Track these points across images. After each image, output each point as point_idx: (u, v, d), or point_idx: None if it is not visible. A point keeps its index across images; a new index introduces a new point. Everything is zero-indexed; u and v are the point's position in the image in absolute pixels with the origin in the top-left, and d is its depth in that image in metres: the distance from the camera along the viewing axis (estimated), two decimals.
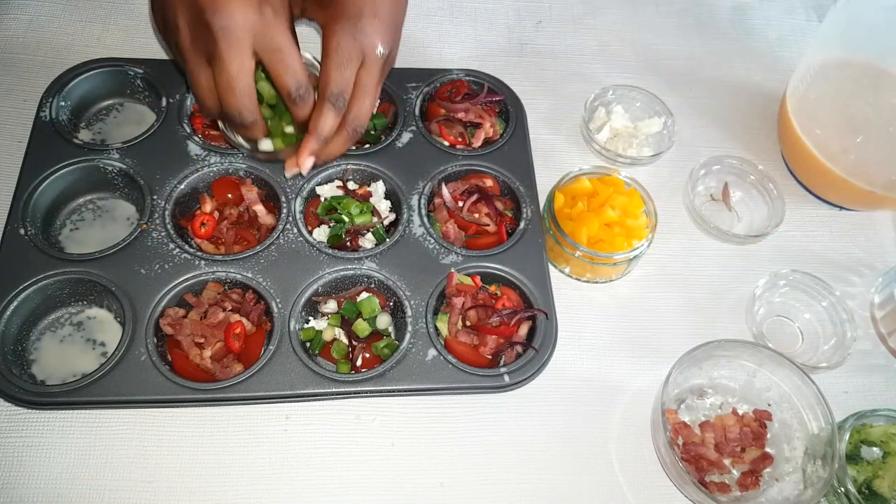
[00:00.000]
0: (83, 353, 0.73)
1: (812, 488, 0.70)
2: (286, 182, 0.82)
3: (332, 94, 0.67)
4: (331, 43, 0.67)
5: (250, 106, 0.65)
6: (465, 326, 0.77)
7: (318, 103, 0.68)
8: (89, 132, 0.87)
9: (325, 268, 0.78)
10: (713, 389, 0.79)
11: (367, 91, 0.68)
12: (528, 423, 0.76)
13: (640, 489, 0.74)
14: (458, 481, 0.72)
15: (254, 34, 0.61)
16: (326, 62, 0.67)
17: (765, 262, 0.90)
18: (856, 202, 0.94)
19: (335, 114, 0.68)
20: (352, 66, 0.67)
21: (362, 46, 0.67)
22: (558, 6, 1.11)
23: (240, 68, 0.62)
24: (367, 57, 0.68)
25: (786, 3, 1.18)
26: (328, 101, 0.67)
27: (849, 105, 0.91)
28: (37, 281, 0.73)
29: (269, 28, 0.61)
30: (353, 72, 0.67)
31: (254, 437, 0.72)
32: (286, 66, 0.63)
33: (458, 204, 0.84)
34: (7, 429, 0.69)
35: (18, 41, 0.93)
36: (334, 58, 0.66)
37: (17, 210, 0.76)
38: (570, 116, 0.99)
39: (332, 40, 0.67)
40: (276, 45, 0.62)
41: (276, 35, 0.62)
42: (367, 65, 0.68)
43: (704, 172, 0.94)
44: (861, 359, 0.85)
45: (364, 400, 0.74)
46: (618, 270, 0.84)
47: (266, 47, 0.62)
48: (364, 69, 0.68)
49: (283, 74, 0.64)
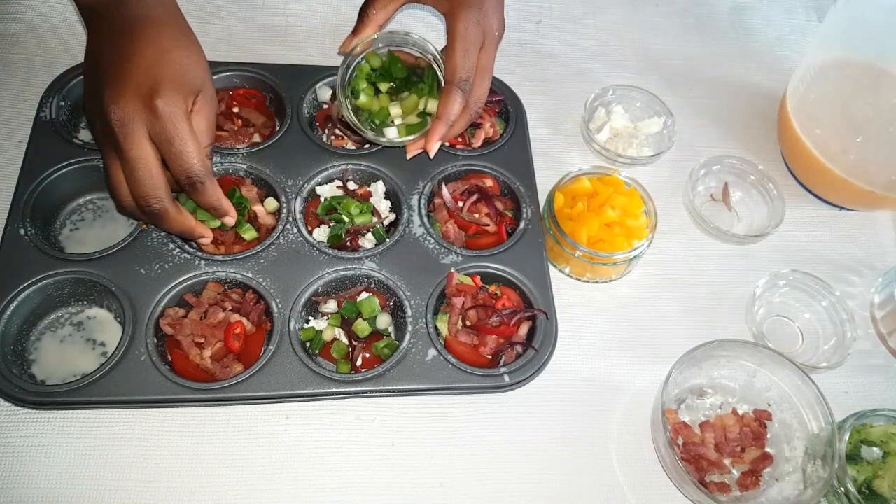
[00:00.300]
0: (83, 353, 0.73)
1: (812, 488, 0.70)
2: (286, 182, 0.82)
3: (460, 80, 0.70)
4: (458, 28, 0.69)
5: (153, 192, 0.64)
6: (465, 326, 0.77)
7: (447, 88, 0.71)
8: (89, 132, 0.87)
9: (325, 268, 0.78)
10: (713, 389, 0.79)
11: (488, 72, 0.72)
12: (528, 423, 0.76)
13: (640, 489, 0.74)
14: (458, 481, 0.72)
15: (146, 124, 0.62)
16: (453, 48, 0.69)
17: (765, 262, 0.90)
18: (856, 202, 0.94)
19: (462, 98, 0.71)
20: (476, 49, 0.70)
21: (484, 29, 0.70)
22: (558, 6, 1.11)
23: (137, 156, 0.62)
24: (487, 39, 0.71)
25: (786, 3, 1.18)
26: (457, 86, 0.70)
27: (849, 105, 0.91)
28: (37, 281, 0.73)
29: (158, 118, 0.62)
30: (476, 55, 0.71)
31: (254, 437, 0.72)
32: (175, 156, 0.63)
33: (458, 204, 0.84)
34: (7, 429, 0.69)
35: (18, 41, 0.93)
36: (462, 43, 0.69)
37: (17, 210, 0.76)
38: (570, 116, 0.99)
39: (458, 25, 0.69)
40: (167, 136, 0.62)
41: (166, 125, 0.62)
42: (487, 47, 0.71)
43: (704, 172, 0.94)
44: (861, 359, 0.85)
45: (364, 400, 0.74)
46: (618, 270, 0.84)
47: (157, 136, 0.63)
48: (483, 51, 0.71)
49: (172, 163, 0.64)
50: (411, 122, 0.81)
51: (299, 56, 0.98)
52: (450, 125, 0.72)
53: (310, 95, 0.89)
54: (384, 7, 0.77)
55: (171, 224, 0.68)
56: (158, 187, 0.64)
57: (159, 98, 0.62)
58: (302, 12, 1.03)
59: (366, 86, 0.81)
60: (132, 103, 0.62)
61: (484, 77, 0.72)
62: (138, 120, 0.62)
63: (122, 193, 0.66)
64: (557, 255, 0.84)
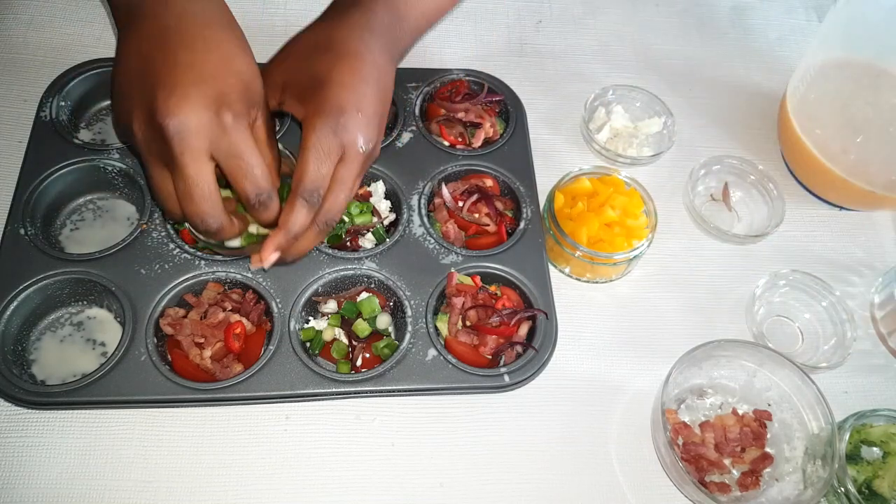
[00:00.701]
0: (83, 353, 0.74)
1: (812, 488, 0.70)
2: None
3: (305, 191, 0.62)
4: (310, 138, 0.62)
5: (211, 212, 0.59)
6: (465, 326, 0.77)
7: (290, 198, 0.64)
8: (89, 132, 0.87)
9: (325, 268, 0.78)
10: (713, 389, 0.79)
11: (345, 186, 0.64)
12: (528, 423, 0.76)
13: (640, 489, 0.74)
14: (458, 481, 0.72)
15: (210, 139, 0.57)
16: (303, 157, 0.62)
17: (765, 262, 0.90)
18: (856, 202, 0.94)
19: (308, 210, 0.63)
20: (330, 161, 0.63)
21: (342, 142, 0.63)
22: (558, 6, 1.11)
23: (197, 174, 0.57)
24: (346, 152, 0.64)
25: (786, 3, 1.18)
26: (301, 196, 0.63)
27: (849, 105, 0.91)
28: (37, 281, 0.73)
29: (226, 132, 0.57)
30: (331, 167, 0.63)
31: (254, 437, 0.72)
32: (244, 173, 0.59)
33: (458, 204, 0.84)
34: (7, 429, 0.70)
35: (18, 41, 0.93)
36: (312, 153, 0.62)
37: (17, 210, 0.76)
38: (570, 116, 0.99)
39: (311, 135, 0.62)
40: (235, 151, 0.58)
41: (234, 140, 0.57)
42: (347, 160, 0.64)
43: (704, 172, 0.94)
44: (861, 359, 0.85)
45: (364, 400, 0.74)
46: (618, 270, 0.84)
47: (224, 153, 0.58)
48: (342, 164, 0.64)
49: (242, 181, 0.59)
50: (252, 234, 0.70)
51: None
52: (291, 236, 0.64)
53: None
54: None
55: (225, 234, 0.63)
56: (217, 204, 0.59)
57: (228, 111, 0.57)
58: (302, 12, 1.03)
59: None
60: (196, 115, 0.55)
61: (340, 191, 0.64)
62: (203, 134, 0.56)
63: (173, 207, 0.61)
64: (557, 255, 0.84)
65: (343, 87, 0.64)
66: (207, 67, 0.57)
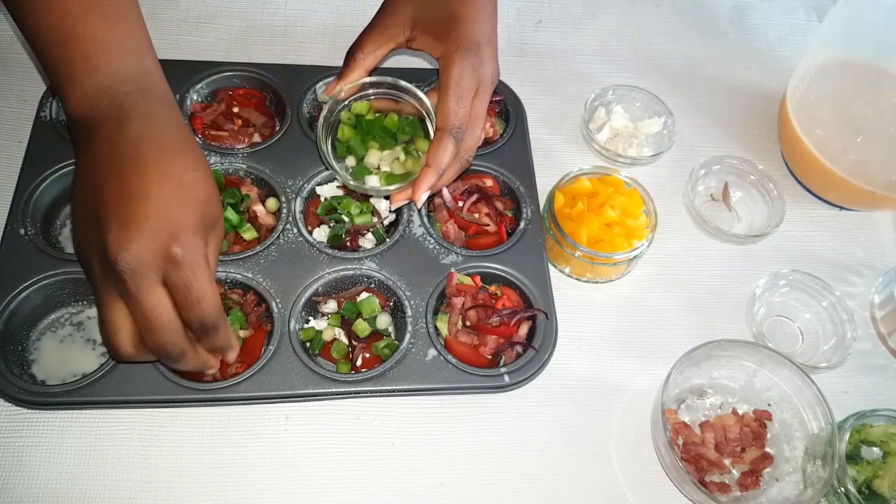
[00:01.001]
0: (83, 353, 0.73)
1: (812, 488, 0.70)
2: (286, 182, 0.82)
3: (453, 127, 0.66)
4: (453, 74, 0.66)
5: (174, 340, 0.58)
6: (465, 326, 0.77)
7: (438, 135, 0.67)
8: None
9: (325, 268, 0.78)
10: (713, 389, 0.79)
11: (480, 121, 0.69)
12: (528, 423, 0.76)
13: (640, 489, 0.74)
14: (458, 481, 0.72)
15: (162, 271, 0.56)
16: (447, 94, 0.66)
17: (765, 262, 0.90)
18: (856, 202, 0.94)
19: (454, 146, 0.67)
20: (470, 96, 0.67)
21: (480, 76, 0.67)
22: (558, 6, 1.11)
23: (154, 306, 0.55)
24: (482, 86, 0.68)
25: (786, 3, 1.18)
26: (449, 133, 0.66)
27: (849, 105, 0.91)
28: (37, 281, 0.73)
29: (177, 266, 0.55)
30: (470, 102, 0.67)
31: (254, 437, 0.72)
32: (191, 304, 0.57)
33: (458, 204, 0.84)
34: (7, 429, 0.69)
35: (18, 41, 0.93)
36: (456, 89, 0.66)
37: (17, 210, 0.76)
38: (570, 116, 0.99)
39: (454, 71, 0.66)
40: (185, 283, 0.56)
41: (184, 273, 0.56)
42: (481, 94, 0.68)
43: (704, 172, 0.94)
44: (861, 359, 0.85)
45: (364, 400, 0.74)
46: (618, 270, 0.84)
47: (173, 284, 0.56)
48: (477, 99, 0.68)
49: (188, 311, 0.57)
50: (395, 172, 0.77)
51: (299, 56, 0.98)
52: (440, 174, 0.68)
53: (310, 95, 0.89)
54: (373, 52, 0.73)
55: (187, 364, 0.61)
56: (178, 332, 0.58)
57: (178, 245, 0.55)
58: (302, 12, 1.03)
59: (350, 133, 0.78)
60: (147, 250, 0.54)
61: (476, 125, 0.69)
62: (154, 268, 0.55)
63: (123, 340, 0.58)
64: (557, 255, 0.84)
65: (477, 23, 0.67)
66: (162, 200, 0.56)
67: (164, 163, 0.58)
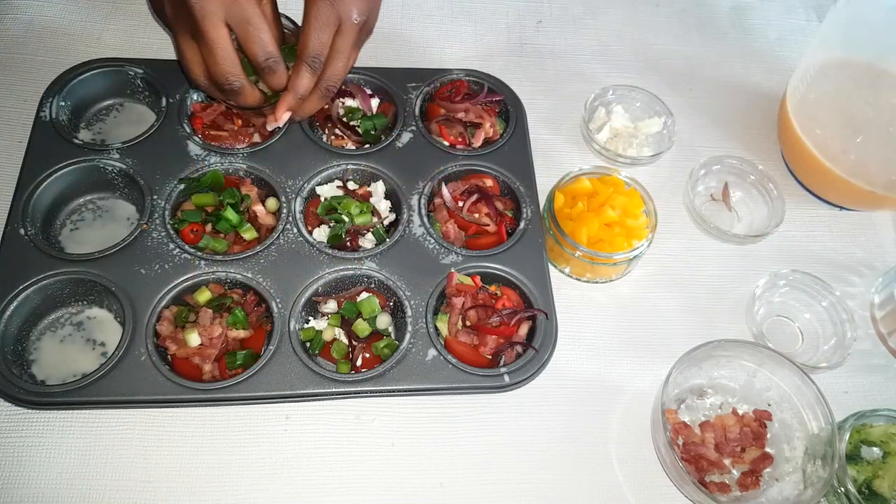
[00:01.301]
0: (83, 353, 0.73)
1: (812, 488, 0.70)
2: (286, 182, 0.82)
3: (308, 56, 0.74)
4: (311, 10, 0.73)
5: (233, 70, 0.71)
6: (465, 326, 0.77)
7: (296, 64, 0.75)
8: (89, 132, 0.87)
9: (325, 268, 0.78)
10: (713, 389, 0.79)
11: (341, 53, 0.75)
12: (528, 423, 0.76)
13: (640, 489, 0.74)
14: (458, 481, 0.72)
15: (224, 7, 0.68)
16: (305, 27, 0.74)
17: (765, 262, 0.90)
18: (856, 202, 0.94)
19: (311, 74, 0.75)
20: (328, 30, 0.74)
21: (339, 13, 0.74)
22: (558, 6, 1.11)
23: (217, 37, 0.69)
24: (343, 23, 0.74)
25: (786, 3, 1.18)
26: (304, 62, 0.74)
27: (849, 105, 0.91)
28: (37, 281, 0.73)
29: (237, 2, 0.68)
30: (330, 36, 0.74)
31: (254, 437, 0.72)
32: (253, 37, 0.70)
33: (458, 204, 0.84)
34: (7, 429, 0.69)
35: (18, 41, 0.93)
36: (313, 24, 0.73)
37: (17, 210, 0.76)
38: (570, 116, 0.99)
39: (312, 8, 0.73)
40: (245, 17, 0.69)
41: (244, 8, 0.69)
42: (343, 30, 0.75)
43: (704, 172, 0.94)
44: (861, 359, 0.85)
45: (364, 400, 0.74)
46: (618, 270, 0.84)
47: (236, 19, 0.69)
48: (339, 35, 0.75)
49: (251, 44, 0.70)
50: None
51: None
52: (298, 98, 0.76)
53: None
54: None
55: (247, 98, 0.75)
56: (237, 65, 0.71)
57: None
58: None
59: None
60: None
61: (337, 58, 0.76)
62: (218, 3, 0.67)
63: (198, 72, 0.73)
64: (557, 255, 0.84)
65: None
66: None
67: None
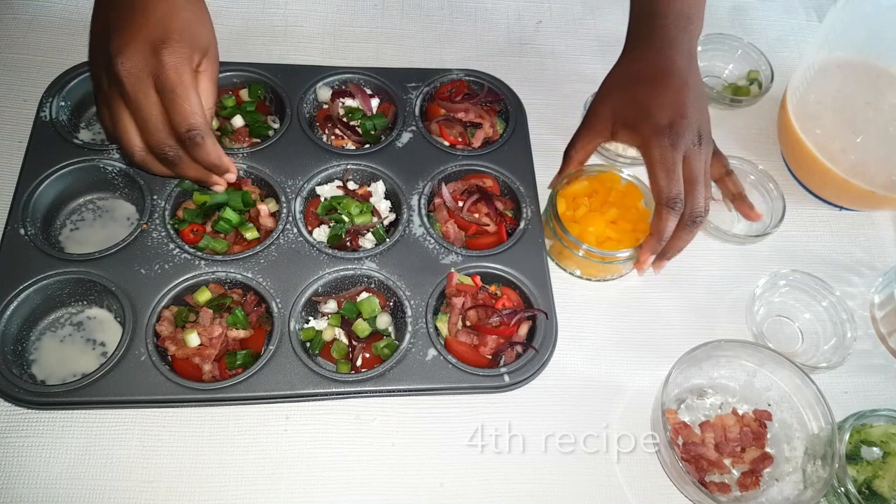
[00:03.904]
0: (83, 353, 0.73)
1: (812, 488, 0.70)
2: (286, 182, 0.82)
3: (667, 201, 0.74)
4: (653, 157, 0.75)
5: (166, 140, 0.66)
6: (465, 326, 0.77)
7: (657, 208, 0.76)
8: (89, 132, 0.87)
9: (325, 268, 0.78)
10: (713, 389, 0.79)
11: (698, 181, 0.75)
12: (529, 423, 0.76)
13: (640, 489, 0.74)
14: (458, 481, 0.72)
15: (153, 74, 0.64)
16: (653, 176, 0.75)
17: (765, 262, 0.90)
18: (856, 202, 0.94)
19: (675, 215, 0.75)
20: (677, 169, 0.74)
21: (681, 147, 0.74)
22: (558, 6, 1.11)
23: (146, 104, 0.64)
24: (688, 152, 0.75)
25: (786, 3, 1.18)
26: (665, 206, 0.75)
27: (849, 105, 0.91)
28: (37, 281, 0.73)
29: (164, 68, 0.63)
30: (679, 173, 0.75)
31: (254, 437, 0.72)
32: (176, 107, 0.65)
33: (458, 204, 0.84)
34: (7, 429, 0.69)
35: (18, 41, 0.93)
36: (660, 169, 0.75)
37: (17, 210, 0.76)
38: (570, 116, 0.99)
39: (653, 154, 0.75)
40: (170, 86, 0.64)
41: (170, 76, 0.64)
42: (691, 158, 0.75)
43: None
44: (861, 359, 0.85)
45: (364, 400, 0.74)
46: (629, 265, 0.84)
47: (161, 86, 0.64)
48: (687, 164, 0.75)
49: (173, 114, 0.65)
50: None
51: (299, 56, 0.98)
52: (662, 240, 0.76)
53: (310, 95, 0.89)
54: (583, 148, 0.84)
55: (186, 169, 0.69)
56: (168, 133, 0.66)
57: (166, 48, 0.63)
58: (302, 12, 1.03)
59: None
60: (140, 52, 0.63)
61: (694, 189, 0.75)
62: (146, 69, 0.63)
63: (134, 143, 0.67)
64: (567, 259, 0.84)
65: (664, 108, 0.76)
66: (156, 14, 0.65)
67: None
